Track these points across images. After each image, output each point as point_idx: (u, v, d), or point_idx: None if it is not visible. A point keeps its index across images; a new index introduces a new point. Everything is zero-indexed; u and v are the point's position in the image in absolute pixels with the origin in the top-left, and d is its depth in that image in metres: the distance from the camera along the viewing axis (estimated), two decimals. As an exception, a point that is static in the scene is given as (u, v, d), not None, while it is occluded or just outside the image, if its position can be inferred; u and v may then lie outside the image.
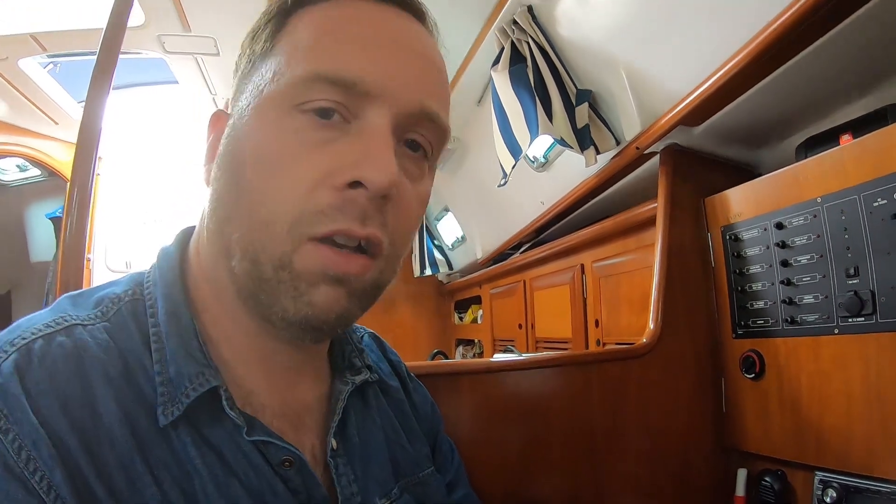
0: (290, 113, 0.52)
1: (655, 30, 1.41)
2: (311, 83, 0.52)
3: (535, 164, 2.37)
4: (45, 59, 2.90)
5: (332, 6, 0.55)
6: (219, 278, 0.57)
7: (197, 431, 0.51)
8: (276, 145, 0.52)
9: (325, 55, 0.52)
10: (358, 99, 0.52)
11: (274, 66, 0.54)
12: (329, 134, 0.52)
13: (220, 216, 0.55)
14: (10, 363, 0.46)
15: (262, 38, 0.57)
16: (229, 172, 0.55)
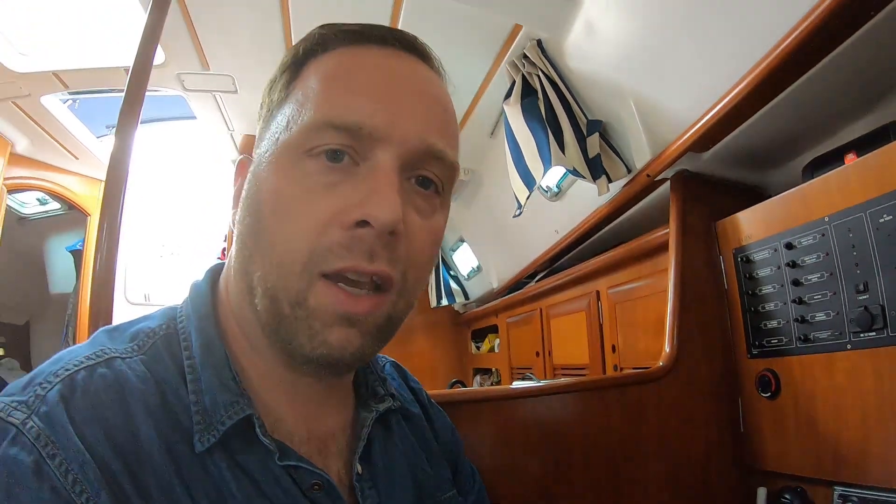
0: (302, 158, 0.55)
1: (661, 60, 1.46)
2: (320, 129, 0.55)
3: (549, 194, 2.41)
4: (66, 95, 2.99)
5: (340, 54, 0.59)
6: (245, 314, 0.60)
7: (231, 457, 0.54)
8: (290, 189, 0.55)
9: (332, 102, 0.56)
10: (365, 142, 0.55)
11: (288, 115, 0.58)
12: (338, 176, 0.55)
13: (243, 256, 0.58)
14: (55, 393, 0.48)
15: (278, 87, 0.62)
16: (251, 216, 0.58)
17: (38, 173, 3.62)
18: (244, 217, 0.59)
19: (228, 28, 2.18)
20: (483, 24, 1.99)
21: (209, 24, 2.16)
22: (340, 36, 0.61)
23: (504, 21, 1.95)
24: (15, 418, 0.46)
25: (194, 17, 2.09)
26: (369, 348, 0.58)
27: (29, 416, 0.46)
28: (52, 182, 3.74)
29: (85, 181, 3.94)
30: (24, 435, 0.45)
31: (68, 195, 3.88)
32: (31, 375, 0.51)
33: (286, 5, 1.99)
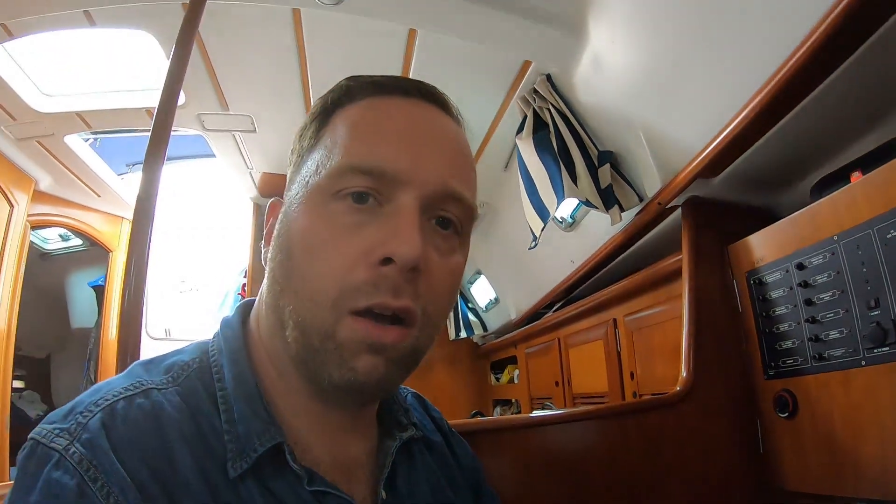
0: (330, 200, 0.59)
1: (667, 90, 1.50)
2: (346, 173, 0.59)
3: (564, 225, 2.44)
4: (88, 134, 3.08)
5: (366, 105, 0.64)
6: (276, 347, 0.63)
7: (262, 483, 0.56)
8: (319, 229, 0.59)
9: (358, 147, 0.60)
10: (389, 185, 0.58)
11: (317, 160, 0.62)
12: (363, 217, 0.58)
13: (275, 292, 0.62)
14: (96, 420, 0.51)
15: (308, 135, 0.67)
16: (282, 253, 0.61)
17: (60, 210, 3.71)
18: (276, 255, 0.62)
19: (247, 70, 2.26)
20: (493, 61, 2.04)
21: (228, 67, 2.23)
22: (366, 87, 0.65)
23: (514, 58, 2.01)
24: (58, 444, 0.49)
25: (214, 60, 2.17)
26: (394, 377, 0.61)
27: (71, 442, 0.49)
28: (75, 219, 3.82)
29: (106, 218, 4.02)
30: (67, 460, 0.48)
31: (90, 231, 3.96)
32: (71, 405, 0.53)
33: (302, 47, 2.07)
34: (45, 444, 0.49)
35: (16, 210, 3.13)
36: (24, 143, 2.94)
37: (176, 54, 1.61)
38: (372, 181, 0.58)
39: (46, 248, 4.56)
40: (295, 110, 2.48)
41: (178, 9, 1.78)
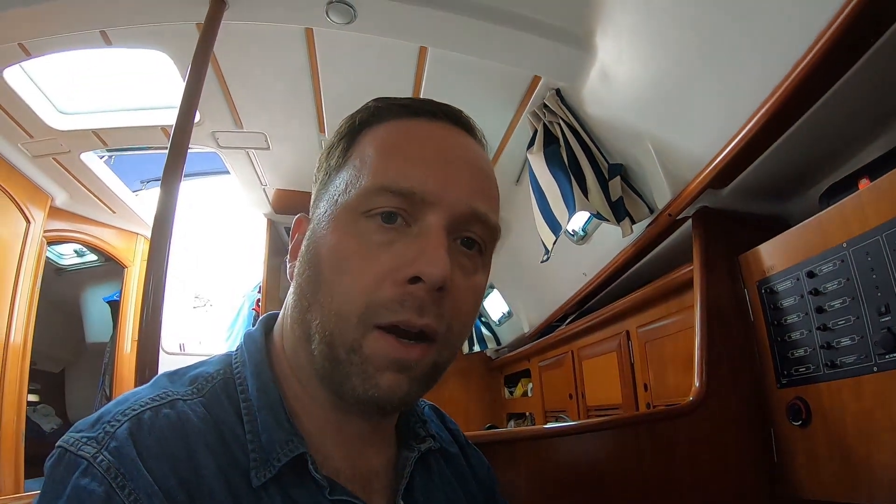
0: (360, 218, 0.61)
1: (675, 102, 1.51)
2: (377, 193, 0.60)
3: (575, 238, 2.45)
4: (104, 152, 3.13)
5: (393, 126, 0.66)
6: (299, 359, 0.65)
7: (285, 492, 0.58)
8: (348, 246, 0.60)
9: (388, 169, 0.61)
10: (417, 205, 0.60)
11: (346, 179, 0.64)
12: (392, 236, 0.60)
13: (302, 307, 0.63)
14: (124, 430, 0.52)
15: (336, 154, 0.68)
16: (310, 269, 0.63)
17: (76, 226, 3.77)
18: (303, 270, 0.64)
19: (260, 88, 2.29)
20: (503, 76, 2.07)
21: (242, 85, 2.27)
22: (393, 109, 0.67)
23: (523, 73, 2.04)
24: (86, 452, 0.50)
25: (228, 79, 2.20)
26: (416, 393, 0.62)
27: (99, 450, 0.50)
28: (90, 235, 3.87)
29: (121, 234, 4.07)
30: (95, 468, 0.49)
31: (105, 247, 4.01)
32: (98, 414, 0.55)
33: (315, 65, 2.10)
34: (73, 452, 0.50)
35: (32, 226, 3.17)
36: (41, 160, 2.99)
37: (192, 74, 1.65)
38: (401, 202, 0.60)
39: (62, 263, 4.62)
40: (308, 128, 2.52)
41: (192, 29, 1.82)
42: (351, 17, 1.72)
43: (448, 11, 1.71)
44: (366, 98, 0.71)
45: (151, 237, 1.50)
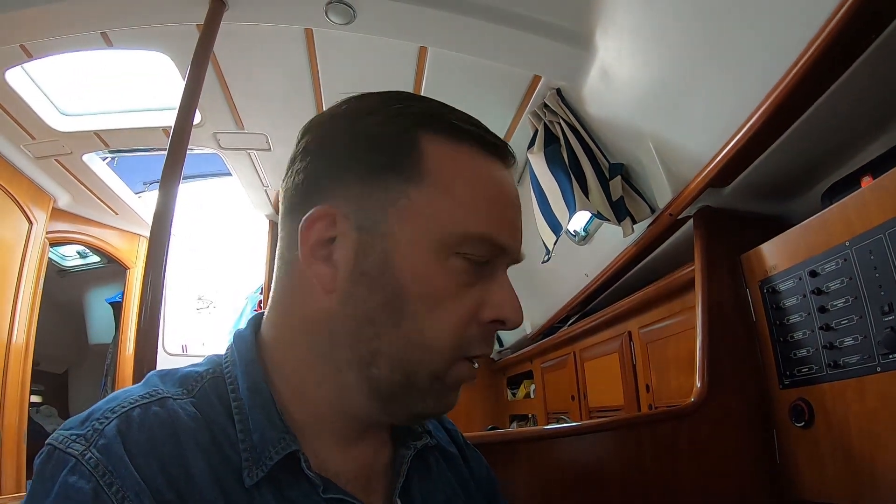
0: (452, 256, 0.60)
1: (675, 101, 1.50)
2: (479, 242, 0.61)
3: (577, 238, 2.44)
4: (106, 153, 3.14)
5: (473, 160, 0.64)
6: (304, 362, 0.64)
7: (278, 491, 0.57)
8: (441, 285, 0.60)
9: (490, 221, 0.62)
10: (500, 256, 0.64)
11: (434, 206, 0.61)
12: (475, 278, 0.62)
13: (366, 330, 0.60)
14: (112, 427, 0.52)
15: (388, 150, 0.62)
16: (383, 294, 0.60)
17: (78, 227, 3.80)
18: (370, 293, 0.60)
19: (261, 89, 2.30)
20: (504, 76, 2.07)
21: (243, 86, 2.28)
22: (462, 131, 0.64)
23: (523, 73, 2.03)
24: (74, 450, 0.49)
25: (228, 80, 2.21)
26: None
27: (88, 447, 0.50)
28: (93, 236, 3.90)
29: (124, 235, 4.09)
30: (83, 465, 0.48)
31: (108, 249, 4.03)
32: (88, 412, 0.54)
33: (315, 66, 2.11)
34: (61, 450, 0.50)
35: (35, 227, 3.19)
36: (43, 162, 3.01)
37: (191, 74, 1.65)
38: (494, 253, 0.63)
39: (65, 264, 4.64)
40: (309, 128, 2.51)
41: (193, 30, 1.82)
42: (350, 17, 1.72)
43: (448, 11, 1.70)
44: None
45: (150, 238, 1.50)
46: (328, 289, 0.61)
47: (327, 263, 0.62)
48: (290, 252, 0.65)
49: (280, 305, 0.67)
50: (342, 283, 0.61)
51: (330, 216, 0.62)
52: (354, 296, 0.61)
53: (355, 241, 0.61)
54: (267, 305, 0.70)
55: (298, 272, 0.64)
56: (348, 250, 0.61)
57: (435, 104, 0.66)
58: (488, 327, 0.63)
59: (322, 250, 0.62)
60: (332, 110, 0.68)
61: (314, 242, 0.62)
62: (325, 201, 0.62)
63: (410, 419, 0.67)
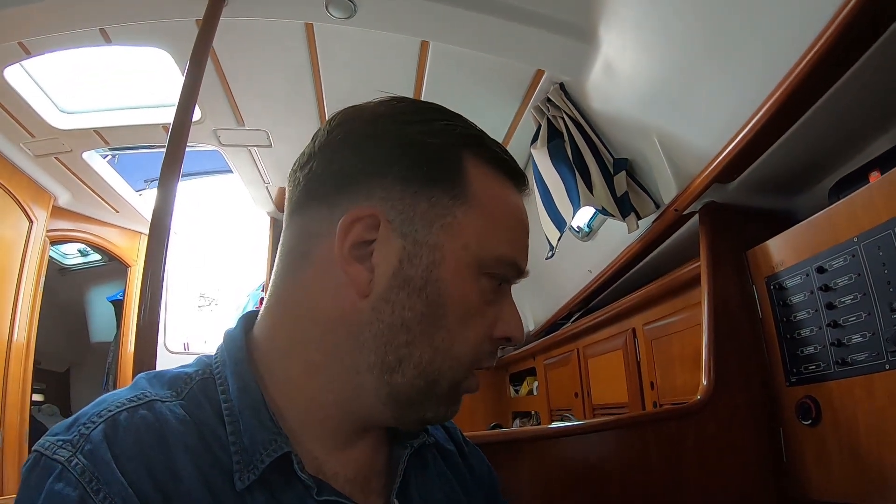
0: (482, 276, 0.63)
1: (680, 95, 1.49)
2: (508, 265, 0.65)
3: (580, 234, 2.42)
4: (106, 151, 3.14)
5: (502, 187, 0.67)
6: (310, 365, 0.63)
7: (271, 494, 0.56)
8: (473, 302, 0.63)
9: (516, 245, 0.66)
10: (515, 275, 0.68)
11: (475, 226, 0.63)
12: (495, 297, 0.65)
13: (400, 340, 0.60)
14: (98, 431, 0.51)
15: (435, 164, 0.63)
16: (424, 305, 0.61)
17: (79, 226, 3.80)
18: (410, 301, 0.60)
19: (262, 85, 2.29)
20: (506, 71, 2.05)
21: (243, 82, 2.27)
22: (500, 161, 0.67)
23: (526, 67, 2.02)
24: (60, 456, 0.48)
25: (228, 76, 2.20)
26: None
27: (74, 453, 0.49)
28: (93, 234, 3.90)
29: (125, 233, 4.10)
30: (69, 472, 0.47)
31: (109, 247, 4.04)
32: (75, 417, 0.53)
33: (316, 61, 2.09)
34: (47, 456, 0.49)
35: (35, 226, 3.19)
36: (43, 160, 3.01)
37: (190, 70, 1.63)
38: (513, 274, 0.67)
39: (66, 263, 4.65)
40: (310, 125, 2.50)
41: (192, 26, 1.81)
42: (351, 11, 1.70)
43: (449, 5, 1.69)
44: (368, 94, 0.68)
45: (149, 235, 1.49)
46: (363, 292, 0.60)
47: (364, 265, 0.61)
48: (307, 244, 0.64)
49: (287, 301, 0.65)
50: (380, 287, 0.61)
51: (372, 218, 0.61)
52: (392, 301, 0.60)
53: (399, 247, 0.61)
54: (265, 302, 0.68)
55: (320, 268, 0.63)
56: (391, 255, 0.61)
57: (472, 126, 0.68)
58: (497, 342, 0.66)
59: (359, 251, 0.61)
60: (373, 108, 0.67)
61: (353, 242, 0.61)
62: (363, 200, 0.61)
63: (418, 424, 0.67)
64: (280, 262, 0.67)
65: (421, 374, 0.61)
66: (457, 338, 0.62)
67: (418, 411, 0.63)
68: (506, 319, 0.66)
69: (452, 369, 0.62)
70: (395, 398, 0.61)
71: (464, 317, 0.62)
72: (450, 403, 0.65)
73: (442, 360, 0.61)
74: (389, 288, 0.60)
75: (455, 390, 0.64)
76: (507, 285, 0.67)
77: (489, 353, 0.66)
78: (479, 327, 0.63)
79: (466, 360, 0.63)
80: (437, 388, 0.62)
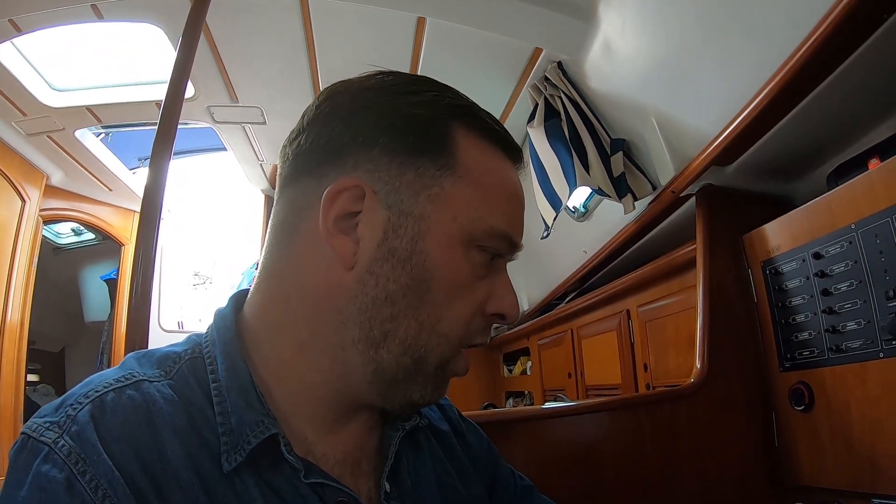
0: (472, 248, 0.62)
1: (679, 76, 1.47)
2: (501, 238, 0.63)
3: (576, 215, 2.41)
4: (99, 129, 3.11)
5: (500, 163, 0.66)
6: (298, 343, 0.62)
7: (259, 476, 0.55)
8: (462, 275, 0.61)
9: (510, 218, 0.64)
10: (509, 250, 0.66)
11: (464, 197, 0.62)
12: (487, 272, 0.64)
13: (385, 314, 0.60)
14: (85, 412, 0.50)
15: (423, 134, 0.62)
16: (410, 278, 0.59)
17: (73, 205, 3.78)
18: (395, 273, 0.60)
19: (255, 61, 2.25)
20: (504, 49, 2.02)
21: (237, 58, 2.23)
22: (493, 132, 0.66)
23: (524, 45, 1.99)
24: (47, 438, 0.48)
25: (222, 52, 2.16)
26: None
27: (60, 435, 0.48)
28: (87, 213, 3.88)
29: (119, 212, 4.07)
30: (55, 453, 0.47)
31: (103, 226, 4.02)
32: (62, 398, 0.53)
33: (311, 37, 2.06)
34: (34, 438, 0.49)
35: (28, 205, 3.17)
36: (35, 139, 2.98)
37: (183, 46, 1.60)
38: (506, 248, 0.65)
39: (59, 242, 4.63)
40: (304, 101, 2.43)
41: (184, 1, 1.77)
42: (346, -15, 1.67)
43: (446, -20, 1.66)
44: (363, 70, 0.67)
45: (140, 213, 1.47)
46: (348, 264, 0.60)
47: (349, 237, 0.60)
48: (295, 218, 0.64)
49: (276, 277, 0.65)
50: (364, 259, 0.60)
51: (357, 188, 0.60)
52: (377, 274, 0.60)
53: (384, 218, 0.60)
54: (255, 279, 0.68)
55: (307, 241, 0.62)
56: (376, 227, 0.60)
57: (464, 98, 0.67)
58: (490, 320, 0.65)
59: (344, 223, 0.61)
60: (361, 81, 0.66)
61: (338, 214, 0.60)
62: (349, 172, 0.61)
63: (405, 407, 0.64)
64: (270, 237, 0.67)
65: (407, 351, 0.60)
66: (444, 313, 0.61)
67: (404, 392, 0.62)
68: (499, 295, 0.65)
69: (440, 346, 0.61)
70: (381, 376, 0.61)
71: (451, 291, 0.61)
72: (436, 385, 0.64)
73: (428, 336, 0.60)
74: (374, 260, 0.60)
75: (442, 371, 0.63)
76: (500, 260, 0.66)
77: (481, 330, 0.65)
78: (468, 302, 0.62)
79: (454, 336, 0.62)
80: (424, 366, 0.61)
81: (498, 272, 0.66)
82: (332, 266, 0.60)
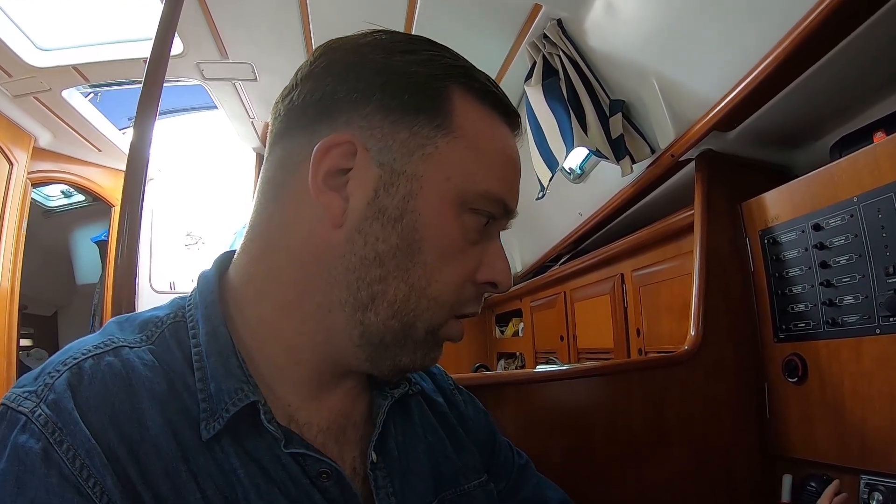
0: (466, 211, 0.60)
1: (684, 38, 1.42)
2: (494, 201, 0.62)
3: (572, 176, 2.38)
4: (87, 88, 3.06)
5: (496, 128, 0.64)
6: (284, 304, 0.60)
7: (239, 444, 0.54)
8: (455, 238, 0.60)
9: (504, 181, 0.63)
10: (504, 215, 0.65)
11: (458, 158, 0.60)
12: (480, 236, 0.63)
13: (374, 274, 0.58)
14: (62, 380, 0.50)
15: (418, 93, 0.60)
16: (400, 239, 0.58)
17: (61, 166, 3.73)
18: (384, 233, 0.58)
19: (246, 16, 2.19)
20: (501, 4, 1.96)
21: (226, 13, 2.17)
22: (489, 94, 0.64)
23: (523, 1, 1.92)
24: (25, 407, 0.48)
25: (211, 6, 2.10)
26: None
27: (38, 404, 0.48)
28: (76, 175, 3.84)
29: (108, 173, 4.02)
30: (33, 423, 0.47)
31: (92, 187, 3.98)
32: (42, 366, 0.52)
33: (302, -9, 1.99)
34: (13, 409, 0.48)
35: (16, 168, 3.14)
36: (22, 100, 2.93)
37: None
38: (501, 213, 0.64)
39: (49, 205, 4.59)
40: (296, 58, 2.39)
41: (171, -49, 1.70)
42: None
43: (442, -68, 1.60)
44: (356, 26, 0.65)
45: (126, 173, 1.44)
46: (337, 222, 0.58)
47: (339, 194, 0.59)
48: (285, 174, 0.62)
49: (263, 236, 0.63)
50: (354, 217, 0.58)
51: (349, 144, 0.58)
52: (366, 233, 0.58)
53: (376, 176, 0.58)
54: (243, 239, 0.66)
55: (296, 198, 0.61)
56: (367, 184, 0.58)
57: (462, 59, 0.65)
58: (481, 288, 0.64)
59: (334, 179, 0.59)
60: (357, 39, 0.64)
61: (328, 170, 0.58)
62: (342, 128, 0.59)
63: (393, 372, 0.63)
64: (258, 195, 0.65)
65: (395, 314, 0.59)
66: (434, 276, 0.59)
67: (393, 356, 0.61)
68: (490, 263, 0.63)
69: (430, 310, 0.60)
70: (369, 339, 0.60)
71: (443, 254, 0.59)
72: (428, 349, 0.63)
73: (417, 300, 0.59)
74: (363, 218, 0.58)
75: (433, 336, 0.62)
76: (494, 226, 0.64)
77: (473, 299, 0.64)
78: (460, 268, 0.61)
79: (445, 301, 0.60)
80: (413, 331, 0.60)
81: (491, 239, 0.64)
82: (320, 224, 0.59)
